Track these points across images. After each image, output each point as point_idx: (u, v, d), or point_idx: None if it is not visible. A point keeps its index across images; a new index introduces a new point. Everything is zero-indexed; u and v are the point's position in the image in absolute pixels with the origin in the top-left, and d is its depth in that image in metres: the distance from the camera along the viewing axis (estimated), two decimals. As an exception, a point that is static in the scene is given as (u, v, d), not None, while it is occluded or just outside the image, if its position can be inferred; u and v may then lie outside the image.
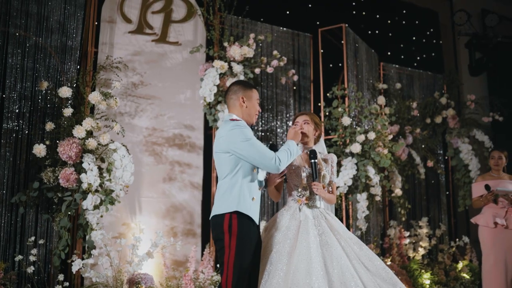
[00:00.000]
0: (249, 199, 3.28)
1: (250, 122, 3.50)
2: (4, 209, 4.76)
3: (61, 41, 5.19)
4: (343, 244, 3.62)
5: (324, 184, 3.77)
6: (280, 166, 3.29)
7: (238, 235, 3.20)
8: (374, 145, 6.04)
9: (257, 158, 3.25)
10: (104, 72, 5.47)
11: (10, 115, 4.87)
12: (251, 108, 3.46)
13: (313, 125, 3.87)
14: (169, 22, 6.04)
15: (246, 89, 3.50)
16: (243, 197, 3.25)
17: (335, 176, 3.95)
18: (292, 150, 3.41)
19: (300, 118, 3.87)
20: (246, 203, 3.26)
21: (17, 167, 4.84)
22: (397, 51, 8.40)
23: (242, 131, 3.28)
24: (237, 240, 3.19)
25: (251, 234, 3.26)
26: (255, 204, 3.33)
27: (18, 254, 4.70)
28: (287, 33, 6.79)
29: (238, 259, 3.18)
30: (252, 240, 3.27)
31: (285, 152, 3.35)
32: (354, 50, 6.91)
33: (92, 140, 4.77)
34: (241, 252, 3.19)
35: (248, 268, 3.22)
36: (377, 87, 7.30)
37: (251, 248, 3.25)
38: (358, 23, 7.66)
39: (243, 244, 3.20)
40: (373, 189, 5.99)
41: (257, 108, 3.53)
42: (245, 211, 3.24)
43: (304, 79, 6.90)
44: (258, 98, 3.55)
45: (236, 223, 3.21)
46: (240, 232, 3.20)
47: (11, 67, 4.91)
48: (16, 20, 5.00)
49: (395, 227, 7.13)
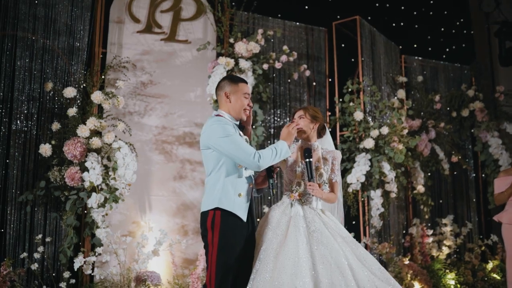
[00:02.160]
0: (234, 195, 3.21)
1: (238, 118, 3.39)
2: (14, 208, 4.88)
3: (69, 43, 5.30)
4: (339, 241, 3.49)
5: (320, 183, 3.64)
6: (260, 163, 3.17)
7: (220, 232, 3.14)
8: (389, 140, 5.82)
9: (235, 154, 3.17)
10: (113, 72, 5.55)
11: (18, 116, 5.00)
12: (236, 103, 3.36)
13: (308, 118, 3.73)
14: (178, 21, 6.04)
15: (231, 83, 3.41)
16: (226, 194, 3.19)
17: (336, 174, 3.77)
18: (280, 150, 3.27)
19: (297, 113, 3.75)
20: (230, 200, 3.19)
21: (26, 167, 4.96)
22: (422, 43, 8.08)
23: (221, 127, 3.20)
24: (220, 237, 3.14)
25: (235, 231, 3.19)
26: (242, 200, 3.24)
27: (27, 251, 4.82)
28: (300, 28, 6.66)
29: (221, 256, 3.12)
30: (236, 237, 3.19)
31: (270, 151, 3.24)
32: (370, 43, 6.70)
33: (96, 139, 4.83)
34: (223, 249, 3.13)
35: (232, 266, 3.14)
36: (397, 80, 7.05)
37: (235, 245, 3.18)
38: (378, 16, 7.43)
39: (226, 241, 3.14)
40: (388, 185, 5.78)
41: (244, 102, 3.37)
42: (228, 207, 3.18)
43: (319, 74, 6.75)
44: (246, 93, 3.38)
45: (219, 220, 3.16)
46: (222, 229, 3.15)
47: (20, 69, 5.04)
48: (24, 24, 5.13)
49: (417, 225, 6.86)
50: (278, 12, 6.53)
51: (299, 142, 3.75)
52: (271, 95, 6.29)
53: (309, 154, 3.54)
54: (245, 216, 3.22)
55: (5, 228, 4.83)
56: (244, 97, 3.38)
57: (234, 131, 3.25)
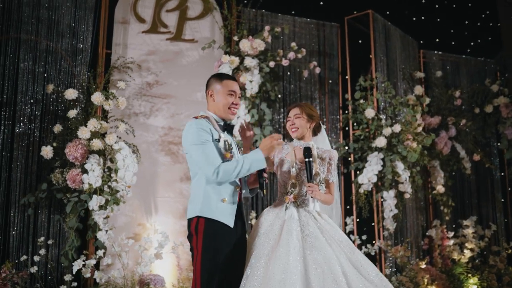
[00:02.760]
0: (217, 201, 3.07)
1: (224, 117, 3.23)
2: (18, 210, 4.89)
3: (72, 45, 5.28)
4: (334, 247, 3.31)
5: (317, 183, 3.47)
6: (219, 179, 3.00)
7: (204, 238, 3.03)
8: (403, 138, 5.57)
9: (200, 165, 3.04)
10: (118, 73, 5.50)
11: (22, 119, 5.00)
12: (220, 101, 3.21)
13: (305, 118, 3.56)
14: (184, 20, 5.96)
15: (216, 81, 3.27)
16: (208, 201, 3.07)
17: (333, 174, 3.60)
18: (249, 164, 3.03)
19: (292, 112, 3.57)
20: (211, 207, 3.06)
21: (29, 169, 4.96)
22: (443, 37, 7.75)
23: (196, 133, 3.06)
24: (203, 243, 3.03)
25: (219, 237, 3.05)
26: (227, 206, 3.09)
27: (30, 254, 4.81)
28: (311, 24, 6.47)
29: (205, 262, 3.01)
30: (221, 242, 3.05)
31: (234, 165, 3.01)
32: (384, 38, 6.44)
33: (96, 141, 4.78)
34: (207, 255, 3.01)
35: (217, 271, 3.01)
36: (415, 76, 6.76)
37: (220, 250, 3.05)
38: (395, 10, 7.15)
39: (210, 247, 3.02)
40: (402, 186, 5.52)
41: (229, 100, 3.20)
42: (210, 215, 3.05)
43: (331, 71, 6.54)
44: (231, 90, 3.21)
45: (203, 226, 3.05)
46: (206, 234, 3.03)
47: (23, 71, 5.05)
48: (27, 26, 5.14)
49: (438, 227, 6.56)
50: (288, 9, 6.37)
51: (293, 141, 3.59)
52: (281, 94, 6.12)
53: (309, 153, 3.37)
54: (231, 221, 3.08)
55: (8, 230, 4.83)
56: (229, 94, 3.21)
57: (208, 137, 3.07)
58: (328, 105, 6.44)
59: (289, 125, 3.56)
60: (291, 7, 6.40)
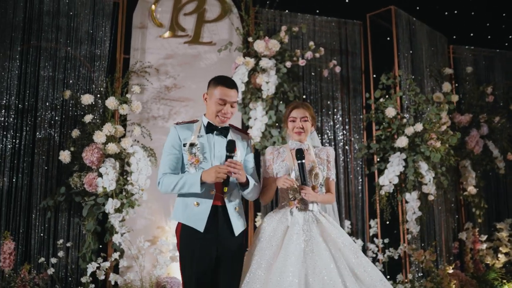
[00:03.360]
0: (191, 205, 3.07)
1: (215, 122, 3.17)
2: (39, 214, 5.03)
3: (90, 51, 5.39)
4: (334, 252, 3.22)
5: (316, 184, 3.38)
6: (161, 190, 3.11)
7: (180, 244, 3.12)
8: (426, 137, 5.35)
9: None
10: (136, 78, 5.58)
11: (42, 124, 5.15)
12: (210, 107, 3.17)
13: (311, 120, 3.48)
14: (202, 23, 5.97)
15: (211, 86, 3.21)
16: (183, 205, 3.10)
17: (332, 172, 3.52)
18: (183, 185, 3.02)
19: (297, 112, 3.42)
20: (186, 211, 3.08)
21: (49, 173, 5.10)
22: (475, 31, 7.40)
23: (168, 138, 3.18)
24: (180, 249, 3.12)
25: (189, 242, 3.06)
26: (199, 210, 3.05)
27: (50, 256, 4.94)
28: (332, 22, 6.34)
29: (182, 267, 3.11)
30: (192, 248, 3.05)
31: (175, 182, 3.04)
32: (409, 34, 6.22)
33: (111, 145, 4.85)
34: (183, 261, 3.09)
35: (192, 277, 3.02)
36: (443, 72, 6.49)
37: (193, 257, 3.04)
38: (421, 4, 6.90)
39: (184, 253, 3.09)
40: (426, 187, 5.30)
41: (217, 108, 3.11)
42: (183, 220, 3.09)
43: (354, 70, 6.37)
44: (220, 98, 3.11)
45: (179, 231, 3.11)
46: (181, 240, 3.10)
47: (43, 79, 5.19)
48: (47, 35, 5.29)
49: (470, 230, 6.27)
50: (307, 8, 6.25)
51: (289, 143, 3.50)
52: (301, 94, 6.02)
53: (301, 155, 3.29)
54: (201, 225, 3.03)
55: (30, 233, 4.98)
56: (218, 103, 3.12)
57: (172, 146, 3.13)
58: (351, 105, 6.28)
59: (294, 127, 3.44)
60: (311, 6, 6.27)
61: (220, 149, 3.15)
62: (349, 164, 6.15)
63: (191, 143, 3.13)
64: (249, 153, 3.36)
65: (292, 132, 3.45)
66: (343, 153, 6.16)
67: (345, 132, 6.21)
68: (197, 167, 3.10)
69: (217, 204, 3.10)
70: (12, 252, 4.56)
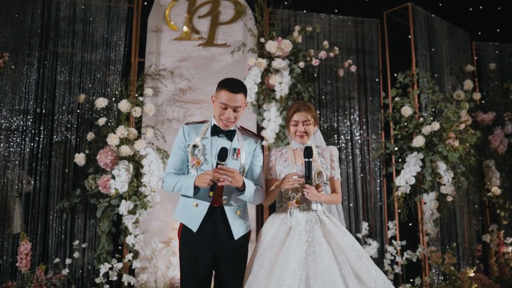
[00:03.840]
0: (189, 206, 3.09)
1: (220, 126, 3.16)
2: (56, 215, 5.15)
3: (106, 55, 5.48)
4: (337, 253, 3.15)
5: (319, 183, 3.32)
6: (163, 188, 3.19)
7: (180, 244, 3.15)
8: (445, 137, 5.20)
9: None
10: (151, 81, 5.65)
11: (59, 128, 5.27)
12: (215, 110, 3.15)
13: (313, 122, 3.41)
14: (216, 25, 5.99)
15: (217, 88, 3.17)
16: (184, 206, 3.13)
17: (336, 171, 3.44)
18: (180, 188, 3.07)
19: (299, 116, 3.33)
20: (184, 211, 3.12)
21: (66, 176, 5.21)
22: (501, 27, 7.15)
23: (176, 137, 3.22)
24: (179, 248, 3.16)
25: (186, 242, 3.10)
26: (197, 211, 3.06)
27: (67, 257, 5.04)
28: (348, 21, 6.25)
29: (181, 266, 3.14)
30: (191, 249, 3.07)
31: (174, 183, 3.09)
32: (427, 31, 6.07)
33: (124, 147, 4.92)
34: (181, 260, 3.13)
35: (190, 277, 3.05)
36: (465, 70, 6.30)
37: (191, 256, 3.07)
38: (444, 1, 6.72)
39: (183, 252, 3.12)
40: (444, 188, 5.14)
41: (220, 112, 3.09)
42: (182, 219, 3.14)
43: (371, 69, 6.26)
44: (221, 102, 3.07)
45: (180, 231, 3.15)
46: (180, 239, 3.15)
47: (60, 83, 5.32)
48: (64, 40, 5.43)
49: (495, 232, 6.05)
50: (323, 8, 6.19)
51: (292, 143, 3.45)
52: (316, 94, 5.96)
53: (309, 153, 3.22)
54: (196, 225, 3.04)
55: (47, 234, 5.10)
56: (220, 106, 3.09)
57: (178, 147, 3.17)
58: (368, 105, 6.17)
59: (296, 130, 3.37)
60: (326, 5, 6.21)
61: (209, 150, 3.14)
62: (366, 165, 6.04)
63: (194, 144, 3.13)
64: (257, 155, 3.30)
65: (295, 136, 3.40)
66: (361, 154, 6.06)
67: (362, 132, 6.10)
68: (198, 169, 3.11)
69: (215, 205, 3.09)
70: (29, 253, 4.67)
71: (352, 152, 6.05)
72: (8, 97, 5.19)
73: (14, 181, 5.06)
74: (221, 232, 3.08)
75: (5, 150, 5.10)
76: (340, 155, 6.01)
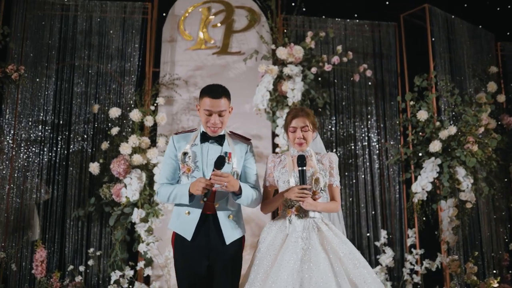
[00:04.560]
0: (183, 214, 3.09)
1: (208, 132, 3.16)
2: (72, 223, 5.27)
3: (120, 66, 5.60)
4: (333, 261, 3.08)
5: (317, 190, 3.26)
6: (158, 199, 3.34)
7: (174, 252, 3.15)
8: (463, 141, 5.01)
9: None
10: (166, 90, 5.72)
11: (76, 138, 5.40)
12: (201, 117, 3.17)
13: (311, 128, 3.36)
14: (230, 33, 6.02)
15: (200, 96, 3.19)
16: (177, 214, 3.14)
17: (335, 178, 3.37)
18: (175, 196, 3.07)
19: (297, 122, 3.29)
20: (178, 220, 3.12)
21: (82, 185, 5.33)
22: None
23: (167, 147, 3.24)
24: (174, 257, 3.17)
25: (179, 250, 3.11)
26: (190, 218, 3.06)
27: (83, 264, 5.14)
28: (364, 25, 6.15)
29: (176, 274, 3.14)
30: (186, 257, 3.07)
31: (169, 192, 3.09)
32: (447, 32, 5.89)
33: (136, 156, 4.99)
34: (176, 268, 3.13)
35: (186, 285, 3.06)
36: (489, 71, 6.06)
37: (186, 265, 3.08)
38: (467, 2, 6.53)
39: (178, 261, 3.12)
40: (463, 194, 4.95)
41: (204, 119, 3.11)
42: (175, 228, 3.13)
43: (389, 73, 6.13)
44: (205, 109, 3.08)
45: (174, 239, 3.15)
46: (174, 248, 3.15)
47: (76, 94, 5.46)
48: (80, 53, 5.58)
49: (522, 240, 5.78)
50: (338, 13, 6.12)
51: (290, 150, 3.40)
52: (332, 100, 5.89)
53: (302, 162, 3.18)
54: (189, 233, 3.03)
55: (64, 242, 5.22)
56: (205, 113, 3.11)
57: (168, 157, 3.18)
58: (386, 110, 6.04)
59: (295, 138, 3.33)
60: (341, 10, 6.13)
61: (213, 157, 3.10)
62: (385, 171, 5.90)
63: (184, 152, 3.15)
64: (249, 158, 3.31)
65: (293, 143, 3.35)
66: (379, 160, 5.92)
67: (380, 138, 5.97)
68: (189, 176, 3.11)
69: (208, 212, 3.08)
70: (44, 260, 4.79)
71: (370, 158, 5.92)
72: (28, 109, 5.37)
73: (32, 190, 5.21)
74: (214, 239, 3.08)
75: (24, 160, 5.27)
76: (357, 161, 5.92)
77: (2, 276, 4.86)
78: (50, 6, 5.58)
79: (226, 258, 3.10)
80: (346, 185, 5.85)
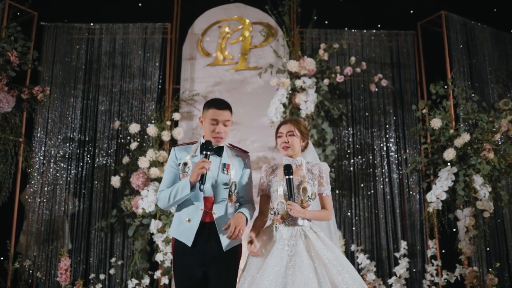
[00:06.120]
0: (183, 221, 3.21)
1: (213, 141, 3.31)
2: (97, 234, 5.56)
3: (142, 84, 5.89)
4: (318, 268, 3.13)
5: (304, 199, 3.33)
6: (159, 205, 3.27)
7: (173, 256, 3.26)
8: (480, 149, 4.89)
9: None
10: (186, 106, 5.95)
11: (100, 153, 5.72)
12: (205, 128, 3.33)
13: (298, 135, 3.46)
14: (248, 49, 6.18)
15: (204, 108, 3.37)
16: (177, 221, 3.25)
17: (326, 187, 3.42)
18: (177, 190, 3.16)
19: (284, 128, 3.44)
20: (179, 227, 3.23)
21: (106, 197, 5.62)
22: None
23: (169, 156, 3.36)
24: (173, 263, 3.26)
25: (179, 256, 3.21)
26: (190, 225, 3.18)
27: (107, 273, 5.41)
28: (381, 35, 6.14)
29: (175, 280, 3.25)
30: (182, 262, 3.18)
31: (168, 193, 3.20)
32: (465, 38, 5.77)
33: (154, 169, 5.22)
34: (175, 275, 3.25)
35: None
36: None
37: (183, 271, 3.18)
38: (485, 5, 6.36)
39: (176, 267, 3.23)
40: (480, 203, 4.81)
41: (211, 128, 3.27)
42: (175, 234, 3.24)
43: (408, 82, 6.07)
44: (212, 119, 3.26)
45: (174, 245, 3.26)
46: (174, 254, 3.26)
47: (101, 112, 5.80)
48: (105, 73, 5.92)
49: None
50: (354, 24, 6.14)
51: (283, 159, 3.49)
52: (348, 111, 5.90)
53: (289, 170, 3.28)
54: (190, 240, 3.15)
55: (89, 252, 5.52)
56: (211, 123, 3.28)
57: (170, 166, 3.30)
58: (405, 119, 5.97)
59: (281, 142, 3.46)
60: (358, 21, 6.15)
61: (212, 168, 3.25)
62: (404, 181, 5.82)
63: (184, 162, 3.30)
64: (245, 169, 3.45)
65: (280, 148, 3.45)
66: (397, 170, 5.86)
67: (399, 148, 5.91)
68: None
69: (206, 220, 3.20)
70: (68, 268, 5.08)
71: (389, 168, 5.87)
72: (57, 127, 5.75)
73: (61, 203, 5.56)
74: (212, 247, 3.19)
75: (53, 175, 5.63)
76: (375, 171, 5.87)
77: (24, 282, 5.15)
78: (77, 30, 5.97)
79: (223, 265, 3.21)
80: (364, 196, 5.81)
